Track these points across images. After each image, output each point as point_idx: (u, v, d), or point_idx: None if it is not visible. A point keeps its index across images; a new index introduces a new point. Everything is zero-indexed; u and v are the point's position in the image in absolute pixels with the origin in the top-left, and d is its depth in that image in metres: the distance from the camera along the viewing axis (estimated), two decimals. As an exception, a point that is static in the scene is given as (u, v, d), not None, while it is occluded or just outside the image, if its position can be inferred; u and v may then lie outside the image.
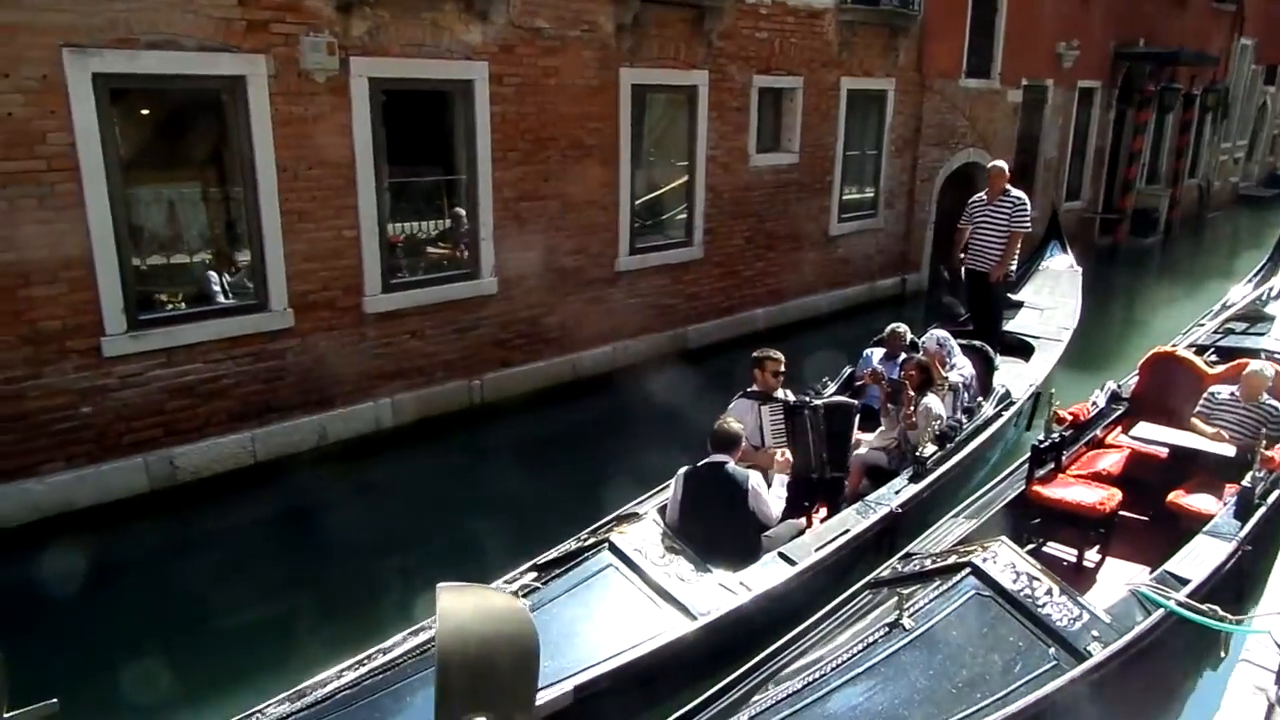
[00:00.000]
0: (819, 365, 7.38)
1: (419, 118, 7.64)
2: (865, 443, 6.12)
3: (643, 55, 8.64)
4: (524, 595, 4.14)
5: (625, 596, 4.31)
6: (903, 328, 7.13)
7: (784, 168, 10.54)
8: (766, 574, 4.60)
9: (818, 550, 4.82)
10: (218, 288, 6.71)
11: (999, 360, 7.57)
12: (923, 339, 7.05)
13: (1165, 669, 4.34)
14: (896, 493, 5.45)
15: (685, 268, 9.69)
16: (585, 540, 4.71)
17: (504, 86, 7.63)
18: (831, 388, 6.88)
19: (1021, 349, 8.34)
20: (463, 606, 2.16)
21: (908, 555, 4.76)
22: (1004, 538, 4.48)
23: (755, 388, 5.73)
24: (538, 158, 8.03)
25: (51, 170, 5.55)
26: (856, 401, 6.06)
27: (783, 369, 5.73)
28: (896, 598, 3.88)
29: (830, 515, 5.47)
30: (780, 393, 5.75)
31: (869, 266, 12.15)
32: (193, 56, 5.99)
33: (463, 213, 7.98)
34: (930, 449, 5.75)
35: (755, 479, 4.86)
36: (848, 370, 7.18)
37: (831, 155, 11.07)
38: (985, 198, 8.42)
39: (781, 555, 4.75)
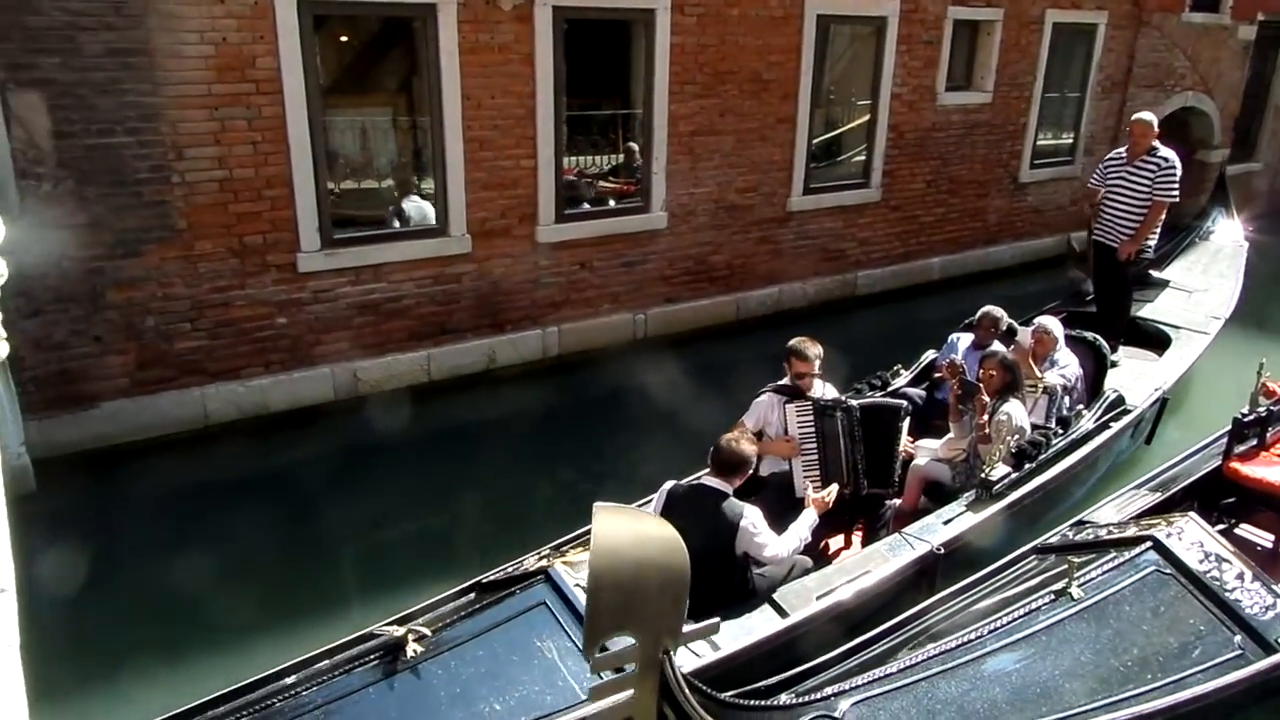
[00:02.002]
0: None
1: (598, 49, 7.65)
2: (927, 451, 5.21)
3: (830, -16, 8.29)
4: (437, 630, 3.49)
5: (554, 646, 3.46)
6: (998, 311, 5.91)
7: (974, 108, 9.92)
8: (749, 625, 3.77)
9: (821, 598, 3.93)
10: (402, 212, 7.03)
11: (1120, 355, 6.50)
12: (1025, 327, 5.79)
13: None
14: (946, 523, 4.48)
15: (860, 210, 9.36)
16: (530, 564, 3.91)
17: (685, 16, 7.51)
18: (904, 377, 5.91)
19: (1155, 340, 6.96)
20: (617, 527, 2.20)
21: (1081, 523, 4.50)
22: (1192, 514, 4.15)
23: (785, 381, 4.85)
24: (715, 91, 7.89)
25: (259, 94, 5.91)
26: (905, 403, 4.90)
27: (816, 360, 4.77)
28: (1067, 565, 3.68)
29: (867, 541, 4.68)
30: (818, 388, 4.84)
31: (1062, 218, 11.33)
32: (388, -15, 6.21)
33: (635, 147, 8.00)
34: (1000, 470, 4.70)
35: (752, 517, 3.91)
36: (928, 355, 6.10)
37: (1028, 96, 10.33)
38: (1125, 155, 6.88)
39: (773, 603, 3.90)
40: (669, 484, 4.08)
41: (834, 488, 4.44)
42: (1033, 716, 3.19)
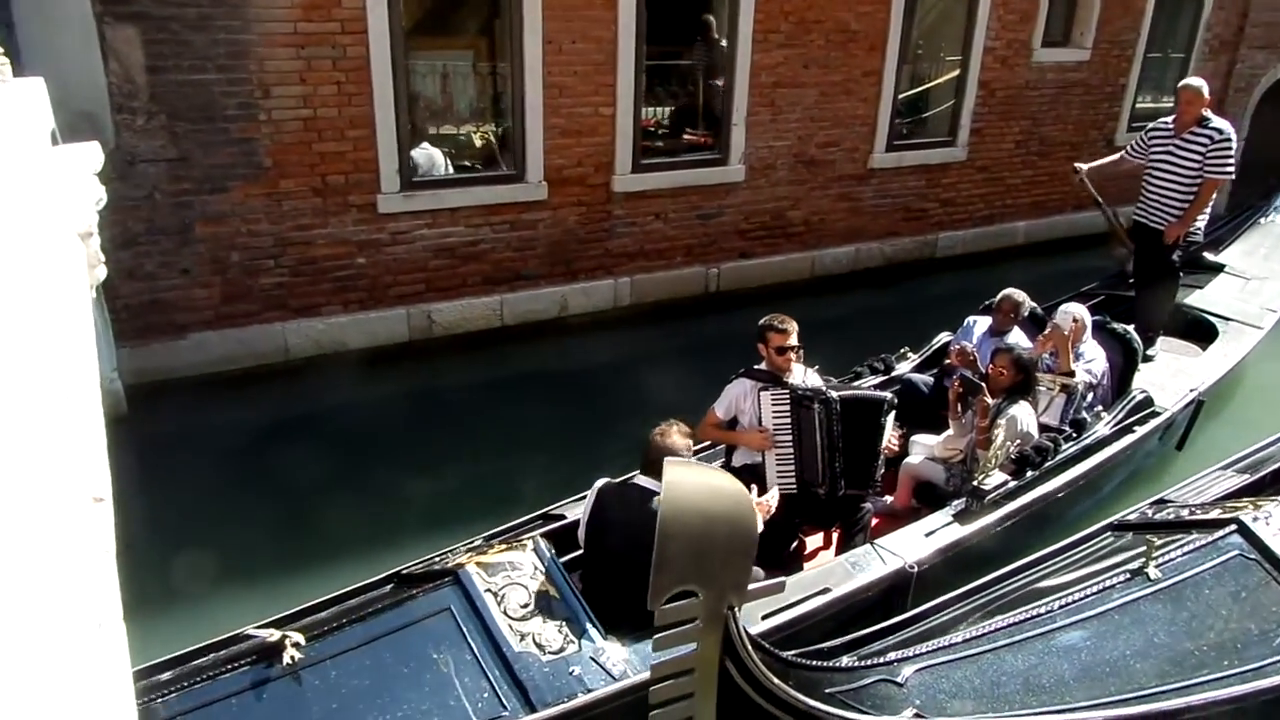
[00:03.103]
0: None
1: (682, -4, 7.52)
2: (923, 447, 4.75)
3: (926, -68, 7.98)
4: (320, 634, 3.08)
5: (451, 660, 3.07)
6: (1019, 295, 5.28)
7: (1071, 65, 9.50)
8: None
9: (768, 618, 3.46)
10: (480, 157, 7.05)
11: (1158, 347, 5.93)
12: (1064, 307, 5.19)
13: None
14: (928, 535, 4.03)
15: (944, 169, 9.09)
16: (447, 560, 3.51)
17: (773, -37, 7.32)
18: (911, 360, 5.44)
19: (1201, 332, 6.32)
20: (688, 481, 2.19)
21: (1162, 501, 4.36)
22: (1282, 499, 3.98)
23: (760, 366, 4.35)
24: (800, 41, 7.69)
25: (344, 33, 5.95)
26: (889, 396, 4.32)
27: (795, 341, 4.22)
28: (1146, 545, 3.57)
29: (843, 546, 4.20)
30: (798, 374, 4.32)
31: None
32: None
33: (715, 98, 7.86)
34: (997, 478, 4.24)
35: None
36: (942, 338, 5.57)
37: (1130, 55, 9.84)
38: (1171, 126, 6.03)
39: None
40: (600, 482, 3.62)
41: (774, 493, 3.87)
42: (1100, 694, 3.12)
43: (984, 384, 4.49)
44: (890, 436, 4.21)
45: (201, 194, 5.84)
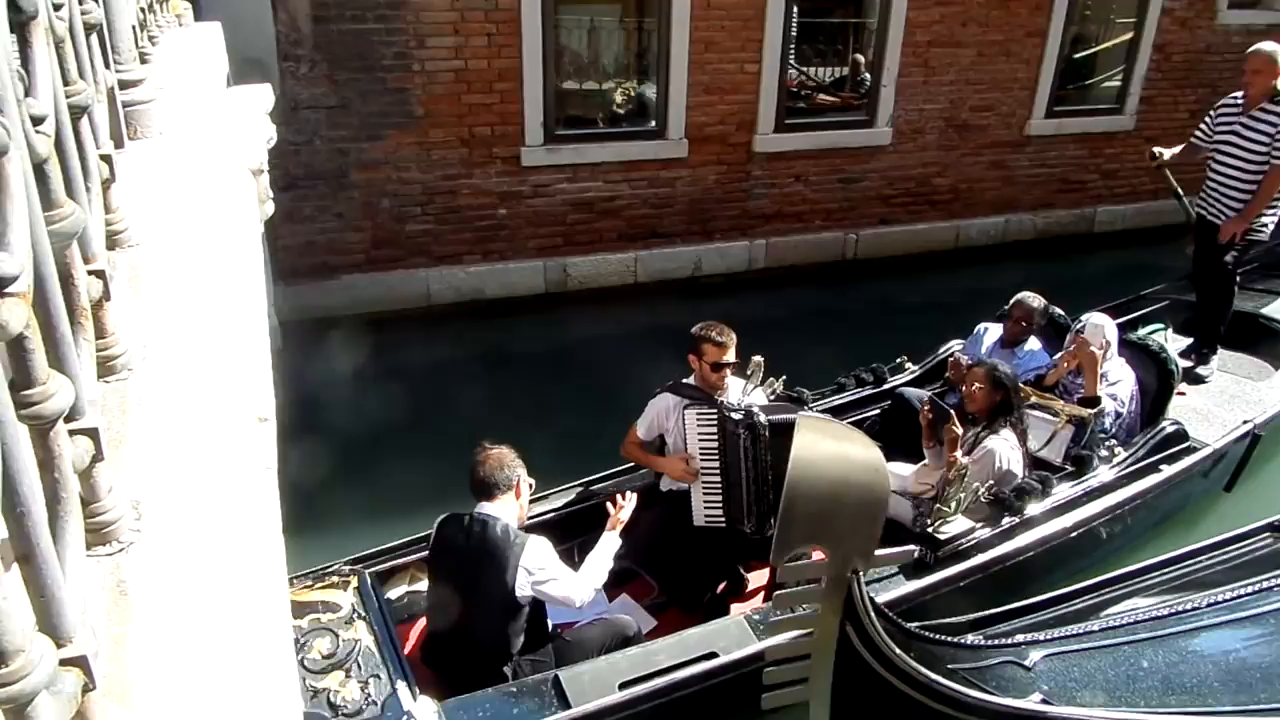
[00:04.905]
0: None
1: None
2: (897, 478, 3.72)
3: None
4: None
5: None
6: (1034, 299, 4.57)
7: (1261, 29, 8.67)
8: (517, 712, 2.85)
9: (626, 687, 2.94)
10: (622, 113, 7.06)
11: (1214, 368, 5.12)
12: (1094, 316, 4.40)
13: None
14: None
15: (1109, 139, 8.53)
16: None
17: (936, -86, 6.99)
18: (908, 373, 4.75)
19: (1268, 343, 5.41)
20: (820, 440, 2.16)
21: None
22: None
23: (689, 380, 3.78)
24: (960, -2, 7.35)
25: (498, -14, 6.05)
26: (819, 414, 3.73)
27: (732, 357, 3.66)
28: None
29: (772, 593, 3.40)
30: (734, 391, 3.74)
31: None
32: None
33: (862, 59, 7.63)
34: (959, 525, 3.59)
35: (533, 551, 2.97)
36: (951, 346, 4.84)
37: (1333, 17, 8.96)
38: (1241, 101, 5.01)
39: (556, 684, 2.91)
40: (442, 517, 3.18)
41: (632, 499, 3.43)
42: (1248, 701, 2.94)
43: (951, 414, 3.73)
44: None
45: (358, 141, 6.08)
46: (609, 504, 3.44)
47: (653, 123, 6.90)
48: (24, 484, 0.68)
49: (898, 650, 2.54)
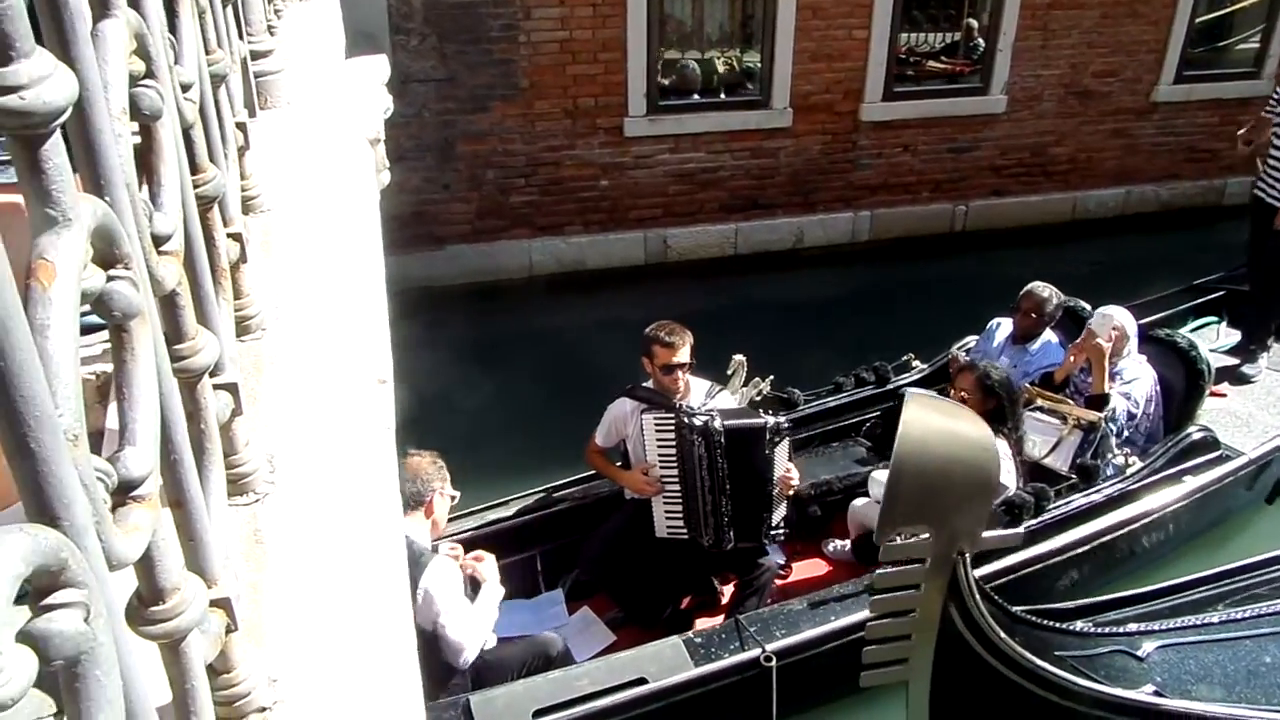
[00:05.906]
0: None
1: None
2: (881, 486, 3.24)
3: None
4: None
5: None
6: (1044, 290, 4.18)
7: None
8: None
9: (541, 716, 2.72)
10: (725, 82, 6.98)
11: (1262, 366, 4.66)
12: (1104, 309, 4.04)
13: None
14: (810, 613, 3.13)
15: (1243, 106, 7.97)
16: None
17: None
18: (916, 371, 4.48)
19: None
20: (929, 418, 2.12)
21: None
22: None
23: (647, 384, 3.57)
24: (1083, -44, 6.99)
25: (604, -45, 6.04)
26: (771, 421, 3.38)
27: (685, 357, 3.40)
28: None
29: (733, 612, 3.34)
30: (696, 392, 3.51)
31: None
32: None
33: (975, 23, 7.34)
34: None
35: (434, 576, 2.75)
36: (967, 342, 4.52)
37: None
38: None
39: (467, 710, 2.70)
40: None
41: (489, 560, 3.07)
42: (1384, 706, 2.78)
43: None
44: (785, 472, 3.36)
45: (464, 113, 6.19)
46: (473, 560, 3.07)
47: (757, 92, 6.80)
48: (177, 433, 0.72)
49: (1003, 634, 2.48)
